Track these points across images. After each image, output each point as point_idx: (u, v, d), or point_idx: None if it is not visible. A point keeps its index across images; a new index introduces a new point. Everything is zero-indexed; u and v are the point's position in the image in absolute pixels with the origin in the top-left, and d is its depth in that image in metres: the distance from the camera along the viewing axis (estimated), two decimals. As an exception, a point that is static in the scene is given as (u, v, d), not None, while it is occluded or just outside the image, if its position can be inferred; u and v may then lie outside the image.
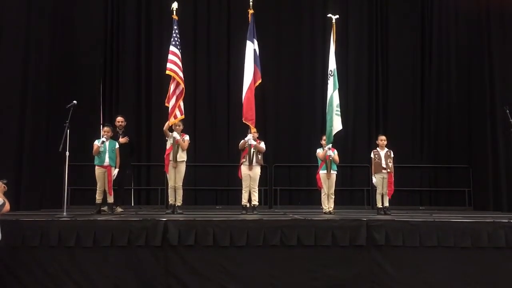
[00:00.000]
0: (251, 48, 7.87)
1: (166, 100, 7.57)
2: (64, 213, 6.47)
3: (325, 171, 7.75)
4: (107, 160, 7.38)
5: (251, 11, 8.00)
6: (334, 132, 7.74)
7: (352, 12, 11.38)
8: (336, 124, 7.77)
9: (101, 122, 10.38)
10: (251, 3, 7.99)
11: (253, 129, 7.65)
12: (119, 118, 8.28)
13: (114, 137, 7.74)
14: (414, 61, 11.49)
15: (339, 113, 7.86)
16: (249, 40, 7.93)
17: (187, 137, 7.55)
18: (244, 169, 7.61)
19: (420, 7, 11.54)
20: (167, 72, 7.53)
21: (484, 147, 10.41)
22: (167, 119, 7.49)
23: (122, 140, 7.98)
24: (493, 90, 10.36)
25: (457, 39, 11.29)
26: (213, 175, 10.87)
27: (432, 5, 11.48)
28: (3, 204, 5.24)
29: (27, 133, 9.14)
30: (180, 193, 7.41)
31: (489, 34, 10.48)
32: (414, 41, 11.48)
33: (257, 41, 8.04)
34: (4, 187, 5.42)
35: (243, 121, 7.72)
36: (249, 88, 7.72)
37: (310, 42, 11.30)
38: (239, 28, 10.11)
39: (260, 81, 7.92)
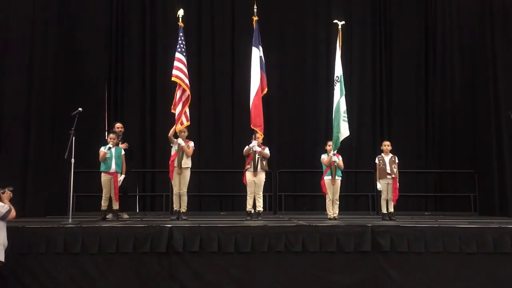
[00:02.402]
0: (257, 54, 7.87)
1: (172, 106, 7.60)
2: (70, 220, 6.50)
3: (330, 177, 7.76)
4: (113, 167, 7.42)
5: (255, 18, 8.02)
6: (341, 138, 7.74)
7: (355, 17, 11.39)
8: (344, 130, 7.78)
9: (106, 129, 10.42)
10: (255, 10, 8.01)
11: (258, 135, 7.65)
12: (118, 124, 8.30)
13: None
14: (417, 66, 11.47)
15: (346, 119, 7.86)
16: (254, 46, 7.93)
17: (192, 144, 7.57)
18: (249, 175, 7.62)
19: (423, 11, 11.54)
20: (173, 78, 7.56)
21: (490, 151, 10.35)
22: (171, 125, 7.52)
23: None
24: (497, 94, 10.32)
25: (461, 42, 11.26)
26: (217, 181, 10.88)
27: (436, 10, 11.47)
28: (9, 210, 5.28)
29: (32, 140, 9.18)
30: (185, 199, 7.43)
31: (493, 35, 10.47)
32: (418, 46, 11.47)
33: (262, 47, 8.05)
34: (10, 194, 5.45)
35: (252, 127, 7.69)
36: (256, 94, 7.72)
37: (314, 48, 11.32)
38: (243, 35, 10.16)
39: (266, 89, 7.93)
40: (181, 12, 7.72)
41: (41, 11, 9.56)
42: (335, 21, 8.16)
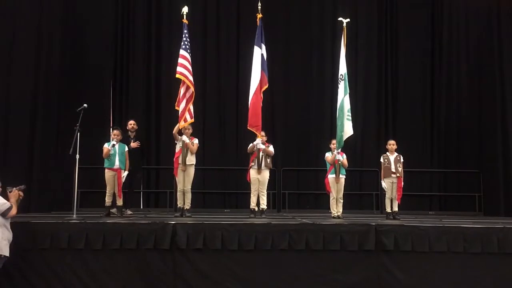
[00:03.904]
0: (258, 53, 7.82)
1: (176, 103, 7.61)
2: (74, 216, 6.52)
3: (334, 175, 7.73)
4: (117, 163, 7.45)
5: (259, 16, 7.99)
6: (345, 137, 7.71)
7: (361, 15, 11.35)
8: (347, 129, 7.73)
9: (111, 125, 10.44)
10: (259, 7, 7.99)
11: (261, 133, 7.64)
12: (131, 122, 8.34)
13: (125, 141, 7.78)
14: (424, 65, 11.42)
15: (350, 118, 7.81)
16: (256, 45, 7.87)
17: (196, 141, 7.58)
18: (253, 172, 7.62)
19: (430, 10, 11.48)
20: (177, 75, 7.55)
21: (495, 151, 10.32)
22: (176, 122, 7.52)
23: (133, 144, 8.04)
24: (503, 94, 10.28)
25: (467, 42, 11.22)
26: (221, 179, 10.90)
27: (442, 9, 11.41)
28: (9, 208, 5.20)
29: (37, 136, 9.24)
30: (188, 196, 7.44)
31: (500, 36, 10.43)
32: (423, 45, 11.40)
33: (266, 45, 8.00)
34: (18, 193, 5.38)
35: (248, 127, 7.65)
36: (255, 94, 7.66)
37: (319, 46, 11.29)
38: (248, 32, 10.12)
39: (266, 86, 7.88)
40: (185, 9, 7.71)
41: (48, 9, 9.59)
42: (340, 18, 8.13)
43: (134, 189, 8.67)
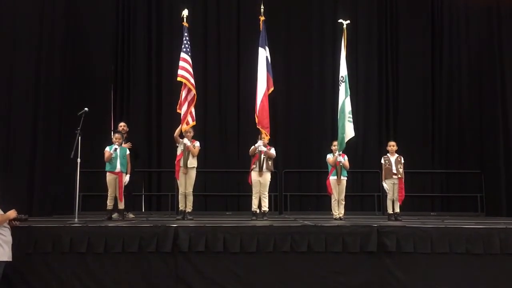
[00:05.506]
0: (263, 55, 7.86)
1: (177, 106, 7.61)
2: (76, 219, 6.52)
3: (335, 177, 7.74)
4: (118, 167, 7.45)
5: (262, 18, 8.01)
6: (346, 139, 7.71)
7: (361, 16, 11.37)
8: (349, 131, 7.75)
9: (112, 129, 10.45)
10: (262, 10, 8.00)
11: (264, 135, 7.64)
12: (121, 124, 8.36)
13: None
14: (424, 66, 11.43)
15: (351, 119, 7.83)
16: (261, 47, 7.93)
17: (197, 144, 7.58)
18: (254, 175, 7.62)
19: (430, 10, 11.49)
20: (179, 78, 7.57)
21: (496, 151, 10.31)
22: (177, 125, 7.53)
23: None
24: (504, 94, 10.28)
25: (468, 43, 11.23)
26: (223, 181, 10.90)
27: (442, 9, 11.42)
28: None
29: (39, 139, 9.25)
30: (190, 199, 7.43)
31: (500, 36, 10.43)
32: (424, 46, 11.43)
33: (268, 47, 8.04)
34: (16, 217, 5.14)
35: (259, 128, 7.65)
36: (264, 96, 7.71)
37: (320, 48, 11.31)
38: (249, 35, 10.17)
39: (272, 88, 7.91)
40: (185, 12, 7.72)
41: (48, 10, 9.61)
42: (340, 20, 8.14)
43: (132, 192, 8.65)
